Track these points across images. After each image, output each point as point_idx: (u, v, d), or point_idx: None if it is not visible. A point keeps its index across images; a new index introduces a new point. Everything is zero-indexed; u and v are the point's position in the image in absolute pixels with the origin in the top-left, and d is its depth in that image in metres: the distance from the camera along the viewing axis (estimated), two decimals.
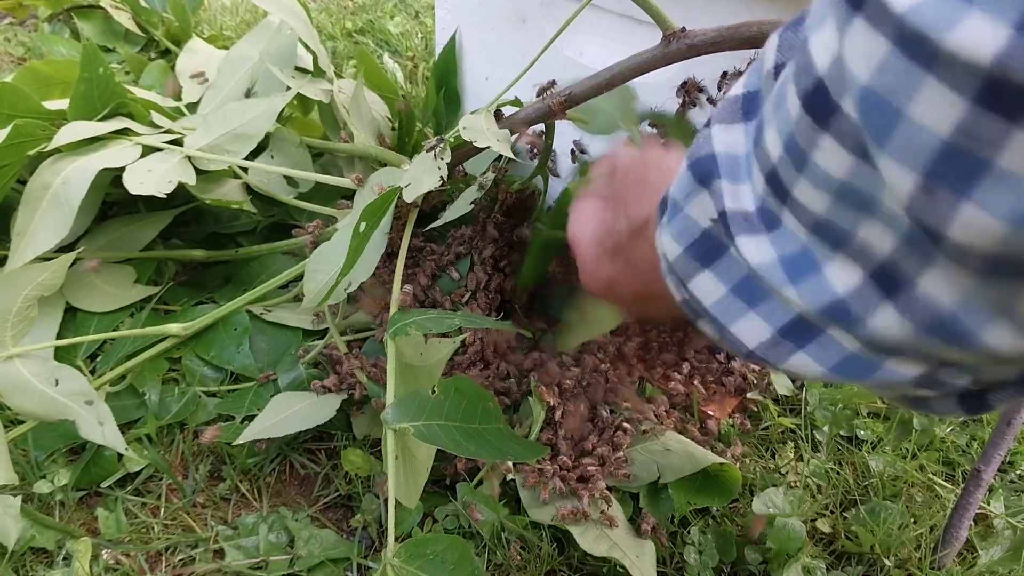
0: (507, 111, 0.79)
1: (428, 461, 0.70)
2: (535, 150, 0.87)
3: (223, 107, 0.88)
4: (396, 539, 0.61)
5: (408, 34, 1.45)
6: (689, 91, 0.80)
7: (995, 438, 0.71)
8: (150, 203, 0.96)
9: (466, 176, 0.93)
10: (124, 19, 1.27)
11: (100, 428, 0.69)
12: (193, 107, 1.01)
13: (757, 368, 0.85)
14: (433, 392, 0.63)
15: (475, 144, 0.70)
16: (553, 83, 0.75)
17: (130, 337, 0.83)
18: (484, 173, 0.84)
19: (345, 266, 0.68)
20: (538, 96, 0.75)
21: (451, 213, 0.77)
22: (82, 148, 0.83)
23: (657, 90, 0.83)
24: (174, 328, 0.81)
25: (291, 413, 0.75)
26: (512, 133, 0.74)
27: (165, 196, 0.79)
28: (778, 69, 0.27)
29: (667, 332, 0.90)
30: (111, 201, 0.95)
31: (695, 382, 0.84)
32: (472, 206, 0.79)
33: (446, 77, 1.02)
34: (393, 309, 0.72)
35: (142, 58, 1.22)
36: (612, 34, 0.84)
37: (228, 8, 1.48)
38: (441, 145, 0.71)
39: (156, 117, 0.90)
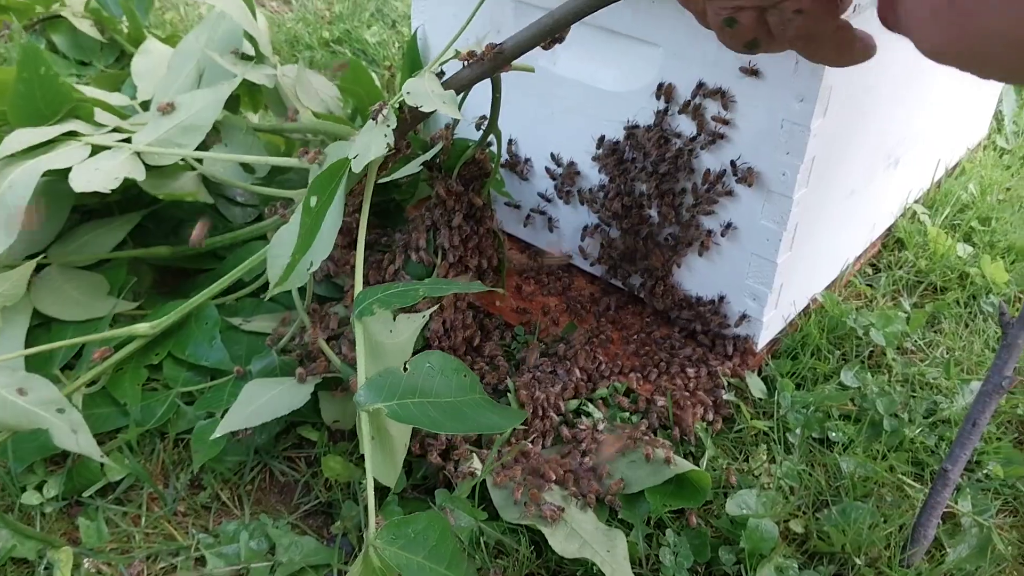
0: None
1: (404, 438, 0.71)
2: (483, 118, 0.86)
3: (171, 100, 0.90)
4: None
5: (385, 43, 1.46)
6: (666, 94, 0.82)
7: (961, 438, 0.73)
8: (121, 208, 0.96)
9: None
10: (87, 27, 1.28)
11: (74, 436, 0.69)
12: (148, 104, 1.02)
13: (729, 371, 0.87)
14: (405, 369, 0.63)
15: (420, 109, 0.69)
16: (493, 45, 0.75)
17: (98, 341, 0.82)
18: (433, 138, 0.84)
19: (300, 244, 0.67)
20: (464, 60, 0.74)
21: (400, 173, 0.78)
22: (31, 153, 0.83)
23: (635, 98, 0.84)
24: (142, 328, 0.81)
25: (265, 400, 0.75)
26: (458, 93, 0.74)
27: (115, 195, 0.79)
28: None
29: (650, 338, 0.92)
30: (86, 210, 0.95)
31: (675, 382, 0.86)
32: (421, 168, 0.79)
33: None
34: (357, 289, 0.72)
35: (118, 74, 1.22)
36: (584, 43, 0.86)
37: (175, 5, 1.49)
38: (385, 111, 0.71)
39: (106, 116, 0.90)
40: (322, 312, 0.87)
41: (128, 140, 0.88)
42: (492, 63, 0.72)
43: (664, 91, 0.82)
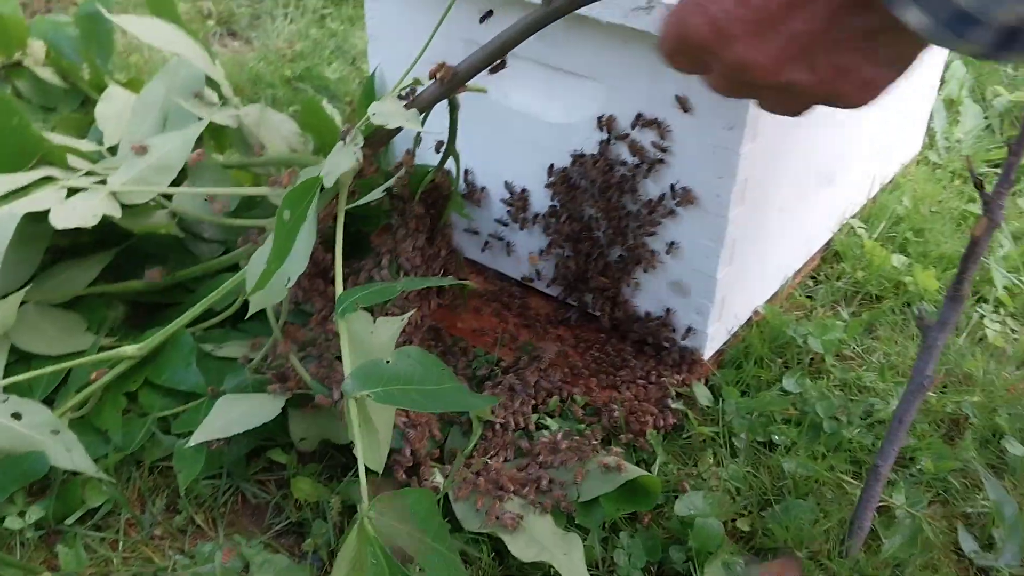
0: None
1: (388, 428, 0.76)
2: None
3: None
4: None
5: (345, 79, 1.51)
6: (607, 125, 0.87)
7: (890, 435, 0.78)
8: (94, 247, 1.00)
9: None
10: (48, 75, 1.32)
11: (69, 455, 0.74)
12: (115, 150, 1.06)
13: (678, 382, 0.92)
14: (388, 363, 0.69)
15: (386, 126, 0.75)
16: (443, 64, 0.80)
17: (86, 366, 0.85)
18: (396, 165, 0.89)
19: (275, 254, 0.72)
20: (431, 77, 0.80)
21: (366, 199, 0.83)
22: (8, 198, 0.87)
23: (579, 129, 0.90)
24: (129, 350, 0.85)
25: (238, 414, 0.79)
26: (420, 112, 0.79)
27: (88, 236, 0.83)
28: None
29: (605, 352, 0.97)
30: (60, 249, 0.99)
31: (628, 393, 0.91)
32: (385, 193, 0.84)
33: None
34: (338, 291, 0.77)
35: (82, 118, 1.26)
36: (532, 79, 0.91)
37: (139, 48, 1.53)
38: (353, 132, 0.77)
39: (78, 161, 0.94)
40: (292, 332, 0.91)
41: (103, 182, 0.92)
42: (449, 84, 0.78)
43: (605, 122, 0.87)
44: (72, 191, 0.90)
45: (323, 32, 1.70)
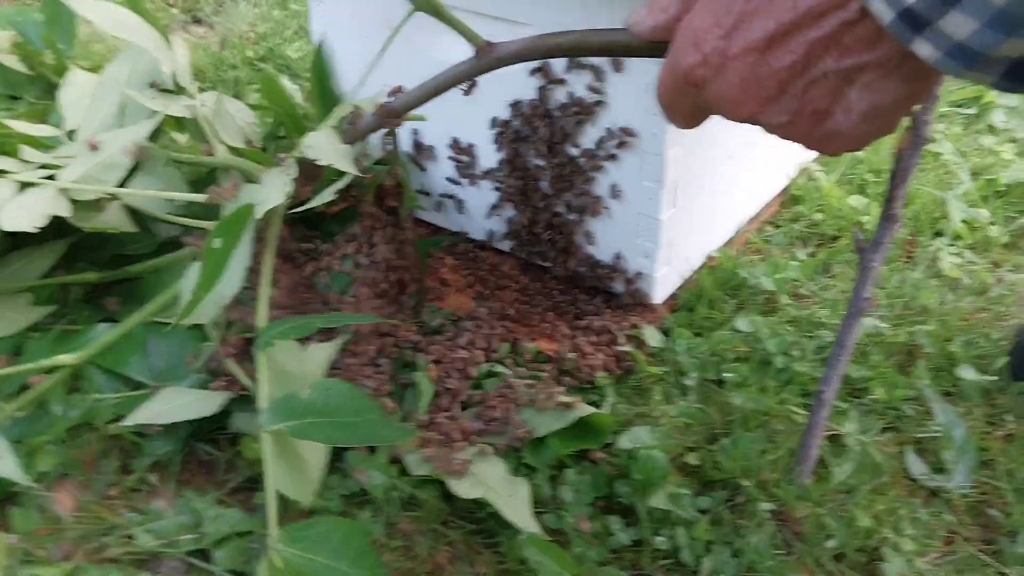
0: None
1: (320, 458, 0.76)
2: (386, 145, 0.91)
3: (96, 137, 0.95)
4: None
5: (307, 58, 1.51)
6: (543, 71, 0.88)
7: (832, 360, 0.78)
8: (56, 233, 1.00)
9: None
10: (13, 62, 1.32)
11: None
12: (74, 134, 1.06)
13: (628, 325, 0.92)
14: (306, 395, 0.69)
15: (318, 163, 0.76)
16: (399, 89, 0.81)
17: (31, 370, 0.86)
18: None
19: (202, 283, 0.73)
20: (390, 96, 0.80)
21: (315, 202, 0.83)
22: None
23: (518, 77, 0.90)
24: (64, 359, 0.84)
25: (178, 404, 0.80)
26: (354, 144, 0.80)
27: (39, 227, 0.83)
28: None
29: (557, 302, 0.97)
30: (14, 235, 1.00)
31: (574, 340, 0.91)
32: (337, 195, 0.85)
33: (323, 84, 1.09)
34: (260, 323, 0.78)
35: (46, 106, 1.26)
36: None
37: (102, 37, 1.53)
38: (287, 161, 0.77)
39: (32, 153, 0.94)
40: (230, 340, 0.91)
41: (53, 177, 0.92)
42: (381, 118, 0.78)
43: (540, 69, 0.88)
44: (24, 185, 0.91)
45: (286, 13, 1.70)
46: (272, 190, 0.77)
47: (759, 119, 0.43)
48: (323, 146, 0.77)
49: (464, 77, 0.66)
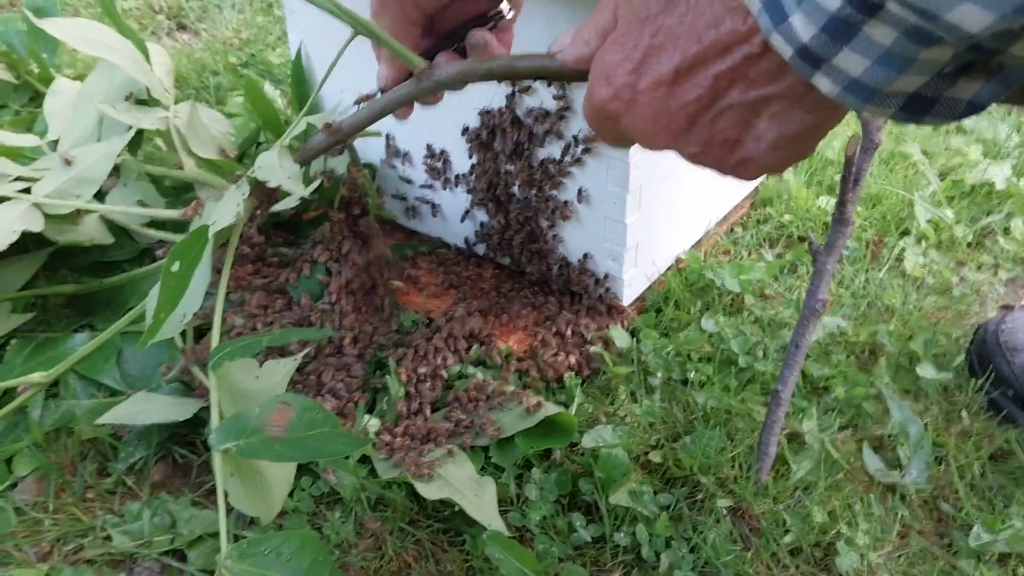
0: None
1: (285, 475, 0.76)
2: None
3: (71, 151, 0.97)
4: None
5: (288, 63, 1.53)
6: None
7: (788, 360, 0.80)
8: (37, 244, 1.02)
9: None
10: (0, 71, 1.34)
11: None
12: (56, 145, 1.08)
13: (596, 327, 0.95)
14: (256, 414, 0.68)
15: (267, 183, 0.77)
16: (366, 97, 0.83)
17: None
18: (314, 175, 0.91)
19: (162, 304, 0.73)
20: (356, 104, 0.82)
21: (279, 206, 0.85)
22: None
23: (488, 86, 0.92)
24: (36, 377, 0.86)
25: (149, 408, 0.82)
26: (303, 165, 0.81)
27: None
28: None
29: (528, 303, 1.00)
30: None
31: (544, 340, 0.93)
32: (300, 201, 0.86)
33: (302, 91, 1.11)
34: (214, 343, 0.78)
35: (31, 115, 1.28)
36: None
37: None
38: (241, 181, 0.79)
39: (9, 166, 0.96)
40: (197, 351, 0.93)
41: (28, 191, 0.94)
42: (332, 138, 0.79)
43: None
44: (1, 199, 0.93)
45: (269, 19, 1.72)
46: (226, 209, 0.78)
47: (673, 149, 0.45)
48: (272, 167, 0.77)
49: (406, 99, 0.68)
